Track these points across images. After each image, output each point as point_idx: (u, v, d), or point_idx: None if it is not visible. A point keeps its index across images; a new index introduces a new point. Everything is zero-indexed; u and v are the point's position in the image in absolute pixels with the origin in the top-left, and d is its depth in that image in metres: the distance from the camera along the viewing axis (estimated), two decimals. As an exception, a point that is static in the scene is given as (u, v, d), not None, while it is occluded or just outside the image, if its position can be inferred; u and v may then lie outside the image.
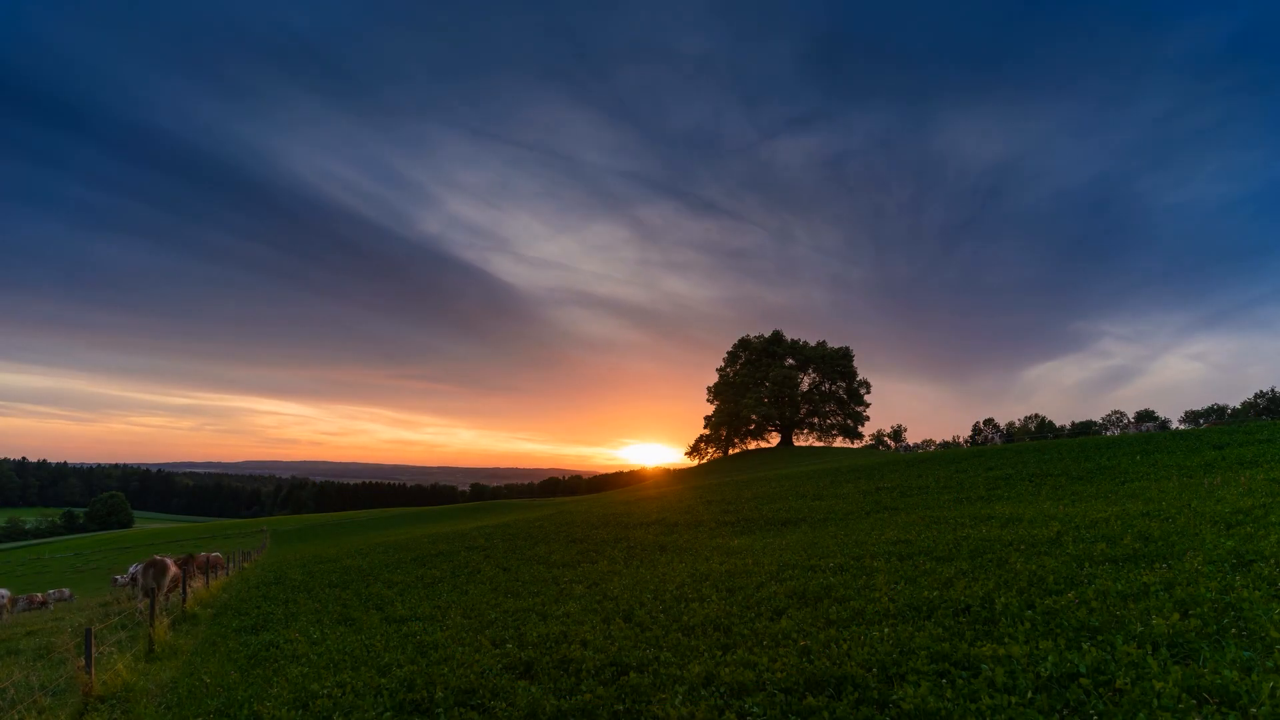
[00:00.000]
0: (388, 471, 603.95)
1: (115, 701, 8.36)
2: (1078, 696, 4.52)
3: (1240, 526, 9.14)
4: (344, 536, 43.23)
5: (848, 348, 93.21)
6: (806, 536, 15.08)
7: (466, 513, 61.49)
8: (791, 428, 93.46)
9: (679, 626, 8.13)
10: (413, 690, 6.92)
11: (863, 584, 8.97)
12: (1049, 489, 17.81)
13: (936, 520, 14.54)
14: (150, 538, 71.20)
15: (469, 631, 9.56)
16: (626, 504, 32.71)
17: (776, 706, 5.23)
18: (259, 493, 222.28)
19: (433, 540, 26.28)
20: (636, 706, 5.69)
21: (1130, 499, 13.69)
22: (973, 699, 4.76)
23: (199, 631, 12.98)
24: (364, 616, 12.31)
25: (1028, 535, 10.62)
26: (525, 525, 26.73)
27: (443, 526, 40.66)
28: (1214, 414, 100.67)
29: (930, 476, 24.60)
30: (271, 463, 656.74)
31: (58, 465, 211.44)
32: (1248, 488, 12.72)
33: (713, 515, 21.99)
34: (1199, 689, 4.36)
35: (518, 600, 11.76)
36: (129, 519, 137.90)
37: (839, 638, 6.65)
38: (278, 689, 7.74)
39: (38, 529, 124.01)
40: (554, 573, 14.49)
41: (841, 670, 5.67)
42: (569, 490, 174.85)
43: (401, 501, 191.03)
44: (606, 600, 10.50)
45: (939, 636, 6.23)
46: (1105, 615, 6.09)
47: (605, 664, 6.97)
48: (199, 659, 10.39)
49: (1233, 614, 5.62)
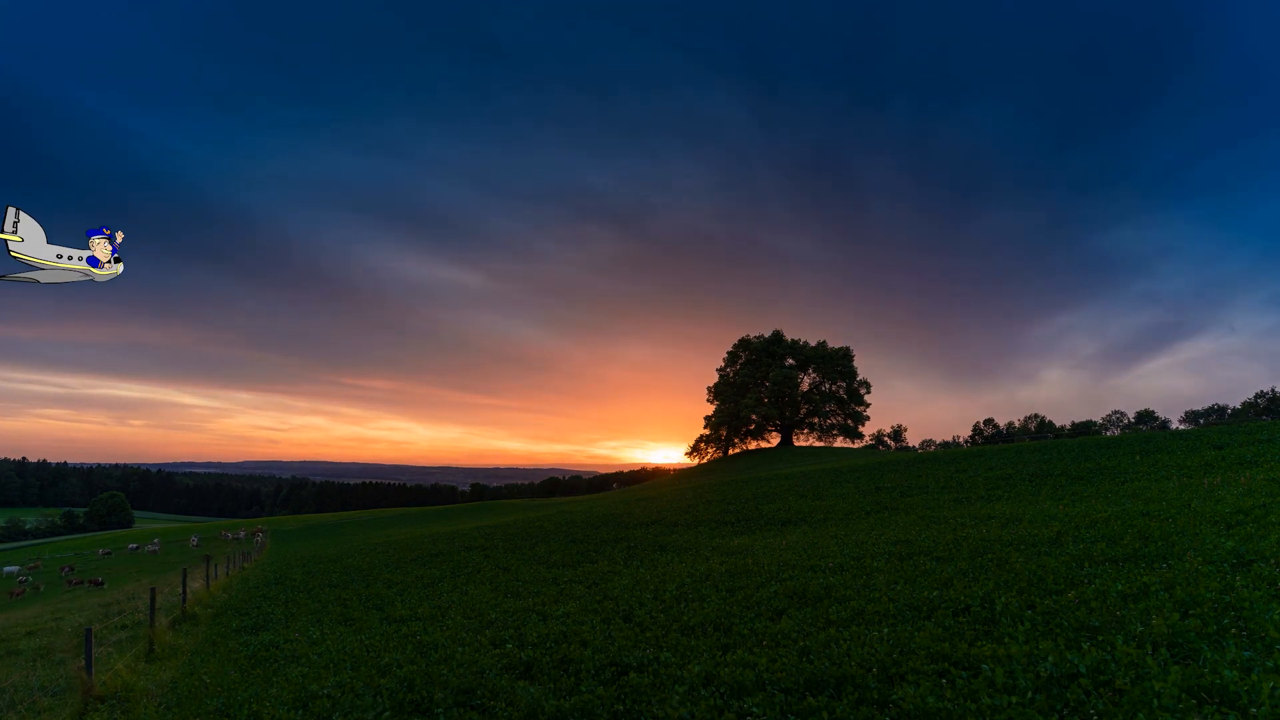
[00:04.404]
0: (388, 471, 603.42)
1: (115, 702, 8.35)
2: (1077, 696, 4.52)
3: (1240, 526, 9.14)
4: (344, 536, 43.23)
5: (848, 348, 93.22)
6: (806, 536, 15.08)
7: (467, 513, 61.47)
8: (791, 428, 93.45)
9: (679, 626, 8.13)
10: (413, 690, 6.92)
11: (863, 584, 8.96)
12: (1049, 489, 17.81)
13: (936, 520, 14.54)
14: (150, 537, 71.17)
15: (469, 631, 9.56)
16: (627, 504, 32.71)
17: (776, 706, 5.22)
18: (259, 493, 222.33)
19: (433, 540, 26.27)
20: (636, 706, 5.69)
21: (1130, 499, 13.68)
22: (973, 699, 4.76)
23: (199, 631, 12.97)
24: (364, 616, 12.31)
25: (1028, 535, 10.62)
26: (525, 525, 26.73)
27: (443, 526, 40.66)
28: (1214, 414, 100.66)
29: (930, 476, 24.60)
30: (271, 463, 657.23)
31: (58, 465, 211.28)
32: (1248, 488, 12.72)
33: (713, 515, 21.98)
34: (1199, 689, 4.35)
35: (518, 600, 11.76)
36: (129, 519, 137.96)
37: (839, 638, 6.65)
38: (278, 689, 7.74)
39: (38, 529, 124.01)
40: (554, 573, 14.49)
41: (841, 670, 5.66)
42: (569, 490, 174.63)
43: (401, 501, 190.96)
44: (606, 600, 10.50)
45: (939, 636, 6.23)
46: (1105, 615, 6.09)
47: (605, 664, 6.97)
48: (199, 659, 10.39)
49: (1233, 614, 5.62)
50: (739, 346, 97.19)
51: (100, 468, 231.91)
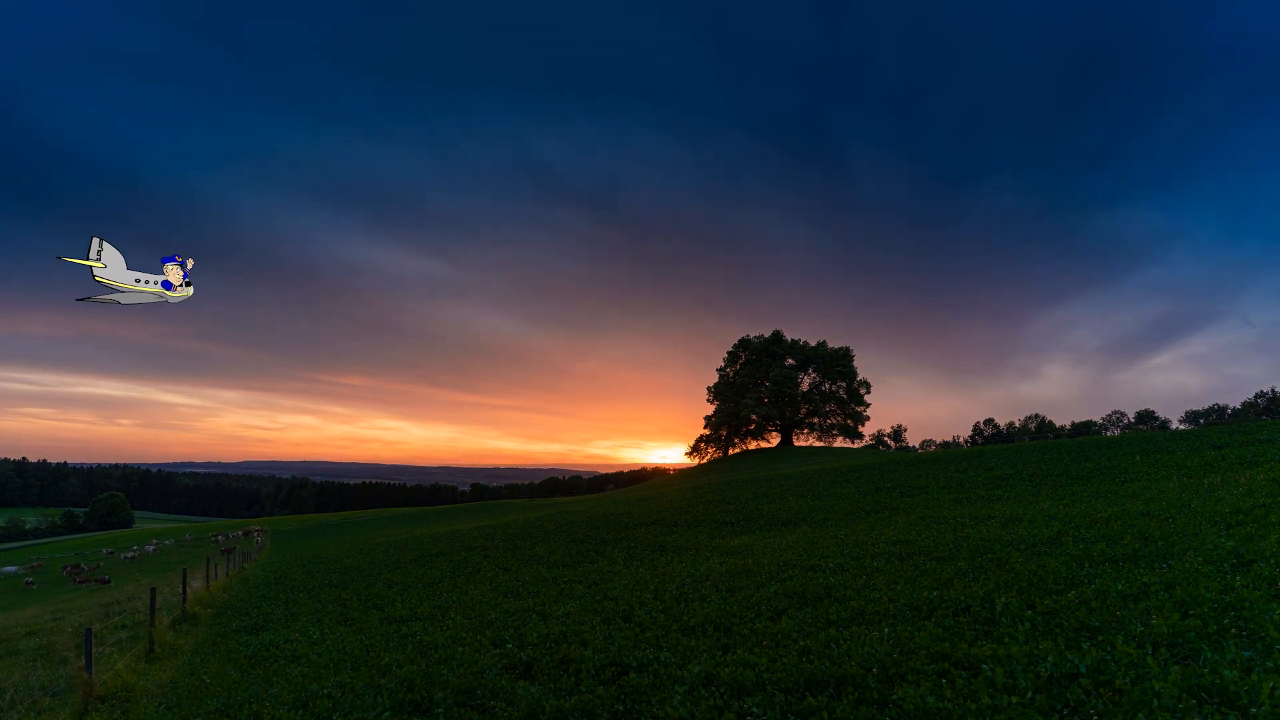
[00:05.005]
0: (387, 471, 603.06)
1: (115, 701, 8.36)
2: (1077, 696, 4.52)
3: (1240, 526, 9.14)
4: (344, 536, 43.23)
5: (848, 348, 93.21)
6: (806, 536, 15.08)
7: (467, 513, 61.47)
8: (791, 428, 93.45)
9: (679, 626, 8.13)
10: (413, 690, 6.92)
11: (863, 584, 8.97)
12: (1049, 489, 17.81)
13: (936, 520, 14.54)
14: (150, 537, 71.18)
15: (469, 631, 9.56)
16: (627, 504, 32.73)
17: (776, 706, 5.22)
18: (259, 493, 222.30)
19: (433, 540, 26.27)
20: (636, 706, 5.69)
21: (1130, 499, 13.68)
22: (973, 699, 4.76)
23: (199, 631, 12.97)
24: (364, 616, 12.31)
25: (1028, 535, 10.63)
26: (525, 525, 26.74)
27: (443, 526, 40.66)
28: (1214, 414, 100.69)
29: (930, 476, 24.61)
30: (271, 463, 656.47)
31: (58, 465, 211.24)
32: (1248, 488, 12.72)
33: (713, 515, 21.98)
34: (1199, 689, 4.35)
35: (518, 600, 11.76)
36: (129, 519, 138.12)
37: (839, 638, 6.65)
38: (278, 689, 7.74)
39: (38, 529, 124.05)
40: (554, 573, 14.49)
41: (841, 670, 5.66)
42: (569, 490, 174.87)
43: (401, 501, 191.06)
44: (606, 600, 10.50)
45: (939, 636, 6.23)
46: (1105, 615, 6.09)
47: (605, 664, 6.97)
48: (199, 659, 10.39)
49: (1233, 614, 5.62)
50: (739, 346, 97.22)
51: (100, 468, 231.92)
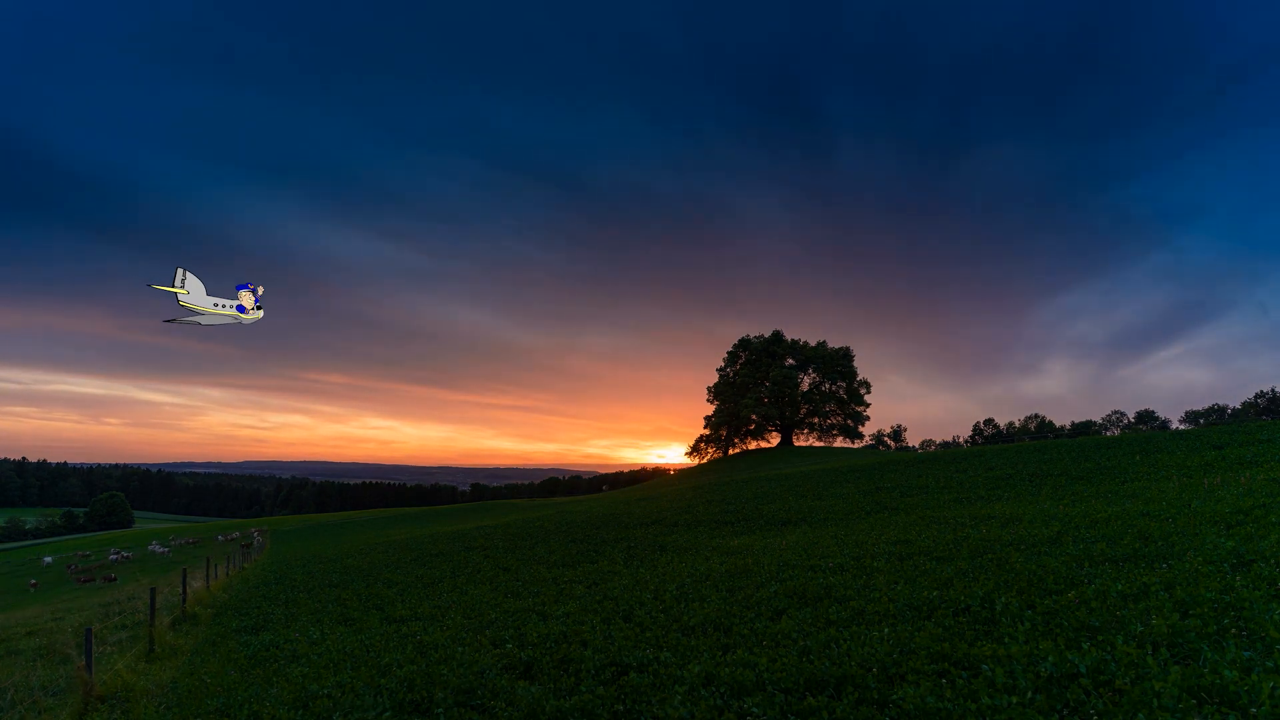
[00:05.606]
0: (387, 471, 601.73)
1: (115, 701, 8.36)
2: (1077, 696, 4.52)
3: (1240, 526, 9.14)
4: (344, 536, 43.22)
5: (848, 348, 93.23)
6: (806, 536, 15.08)
7: (467, 513, 61.46)
8: (791, 428, 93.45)
9: (679, 626, 8.13)
10: (413, 690, 6.92)
11: (863, 584, 8.97)
12: (1049, 489, 17.81)
13: (936, 520, 14.54)
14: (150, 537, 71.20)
15: (469, 631, 9.56)
16: (627, 504, 32.73)
17: (776, 706, 5.23)
18: (259, 493, 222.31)
19: (433, 540, 26.27)
20: (637, 706, 5.69)
21: (1130, 499, 13.69)
22: (973, 699, 4.76)
23: (199, 631, 12.97)
24: (364, 616, 12.31)
25: (1028, 535, 10.63)
26: (525, 525, 26.74)
27: (443, 526, 40.65)
28: (1214, 414, 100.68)
29: (930, 476, 24.62)
30: (271, 463, 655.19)
31: (58, 465, 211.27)
32: (1248, 488, 12.72)
33: (713, 515, 21.99)
34: (1199, 689, 4.36)
35: (518, 600, 11.76)
36: (129, 519, 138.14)
37: (839, 638, 6.66)
38: (278, 689, 7.74)
39: (38, 529, 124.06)
40: (554, 573, 14.49)
41: (841, 670, 5.67)
42: (569, 490, 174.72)
43: (401, 501, 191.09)
44: (606, 600, 10.51)
45: (939, 636, 6.23)
46: (1105, 615, 6.09)
47: (605, 664, 6.97)
48: (199, 659, 10.39)
49: (1233, 614, 5.62)
50: (739, 346, 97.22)
51: (100, 468, 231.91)
